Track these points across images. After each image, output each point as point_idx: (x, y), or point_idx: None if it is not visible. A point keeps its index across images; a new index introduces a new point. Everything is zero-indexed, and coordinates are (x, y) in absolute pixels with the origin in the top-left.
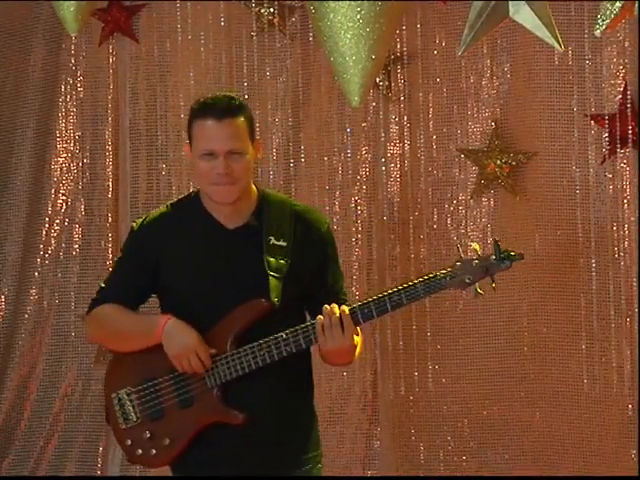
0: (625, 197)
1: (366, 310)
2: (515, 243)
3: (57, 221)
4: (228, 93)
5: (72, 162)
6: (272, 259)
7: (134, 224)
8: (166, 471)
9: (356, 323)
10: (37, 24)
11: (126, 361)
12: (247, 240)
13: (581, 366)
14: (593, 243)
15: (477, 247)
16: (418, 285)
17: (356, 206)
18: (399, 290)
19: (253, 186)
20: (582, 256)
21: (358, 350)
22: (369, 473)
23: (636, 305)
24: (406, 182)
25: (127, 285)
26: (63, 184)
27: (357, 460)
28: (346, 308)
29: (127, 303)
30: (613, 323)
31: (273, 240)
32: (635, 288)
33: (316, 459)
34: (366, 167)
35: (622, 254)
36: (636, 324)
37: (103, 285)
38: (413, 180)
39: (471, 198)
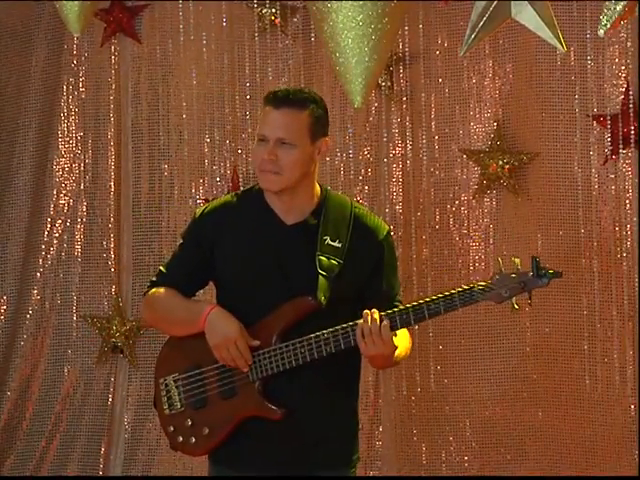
0: (627, 197)
1: (404, 316)
2: (517, 244)
3: (59, 221)
4: (304, 88)
5: (74, 162)
6: (324, 258)
7: (197, 210)
8: (167, 471)
9: (393, 328)
10: (39, 24)
11: (177, 347)
12: (302, 237)
13: (583, 366)
14: (595, 243)
15: (517, 261)
16: (455, 296)
17: None
18: (437, 299)
19: (317, 184)
20: (584, 256)
21: (402, 352)
22: (371, 473)
23: (636, 305)
24: (408, 182)
25: (184, 271)
26: (65, 184)
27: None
28: (383, 315)
29: (184, 288)
30: (615, 324)
31: (328, 240)
32: (636, 288)
33: (353, 462)
34: (368, 167)
35: (624, 254)
36: (637, 324)
37: (162, 269)
38: (415, 180)
39: (473, 198)
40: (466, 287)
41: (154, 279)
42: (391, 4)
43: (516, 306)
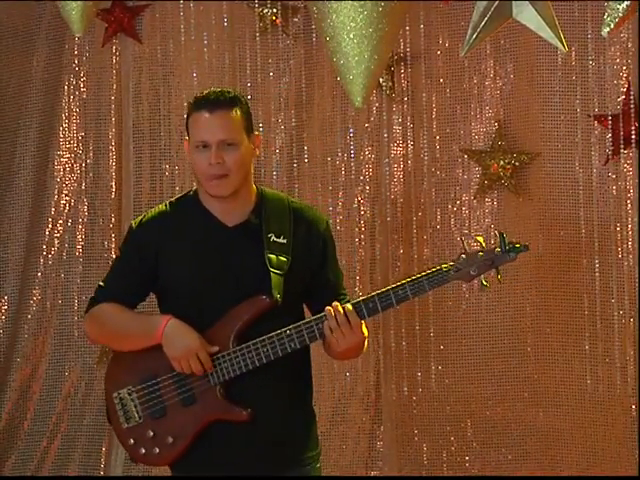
0: (628, 197)
1: (370, 304)
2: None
3: (60, 221)
4: (224, 88)
5: (75, 162)
6: (273, 256)
7: (133, 222)
8: (168, 471)
9: (361, 318)
10: (40, 24)
11: (126, 360)
12: (247, 237)
13: (584, 366)
14: (596, 243)
15: (482, 240)
16: (423, 278)
17: (359, 206)
18: (404, 284)
19: (252, 183)
20: (585, 256)
21: (365, 342)
22: (372, 473)
23: (636, 305)
24: (409, 182)
25: (126, 284)
26: (66, 184)
27: (360, 460)
28: (349, 306)
29: (126, 302)
30: (616, 323)
31: (273, 237)
32: (636, 288)
33: (315, 458)
34: (369, 167)
35: (625, 254)
36: (637, 324)
37: (102, 284)
38: (416, 180)
39: (474, 198)
40: (433, 269)
41: (94, 295)
42: (392, 4)
43: (485, 283)
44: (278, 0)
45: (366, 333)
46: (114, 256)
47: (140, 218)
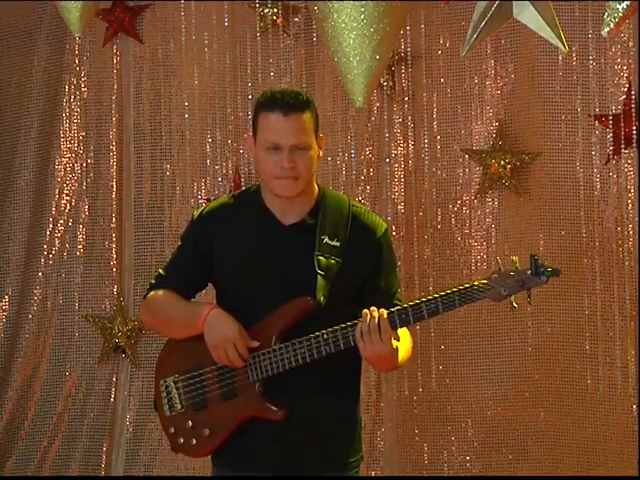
0: (629, 197)
1: (403, 315)
2: (519, 243)
3: (61, 221)
4: (295, 89)
5: (76, 162)
6: (323, 258)
7: (195, 212)
8: (169, 471)
9: (393, 328)
10: (41, 24)
11: (178, 349)
12: (301, 237)
13: (585, 366)
14: (597, 243)
15: (516, 259)
16: (455, 294)
17: None
18: (436, 298)
19: (315, 183)
20: (586, 256)
21: (404, 355)
22: (373, 473)
23: (637, 305)
24: (410, 182)
25: (183, 273)
26: (67, 184)
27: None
28: (384, 312)
29: (183, 291)
30: (617, 323)
31: (326, 239)
32: (636, 288)
33: (354, 464)
34: (370, 167)
35: (626, 254)
36: (637, 324)
37: (161, 271)
38: (417, 180)
39: (475, 198)
40: (465, 286)
41: (153, 282)
42: (393, 4)
43: (515, 305)
44: (279, 0)
45: (402, 345)
46: (115, 255)
47: (202, 209)
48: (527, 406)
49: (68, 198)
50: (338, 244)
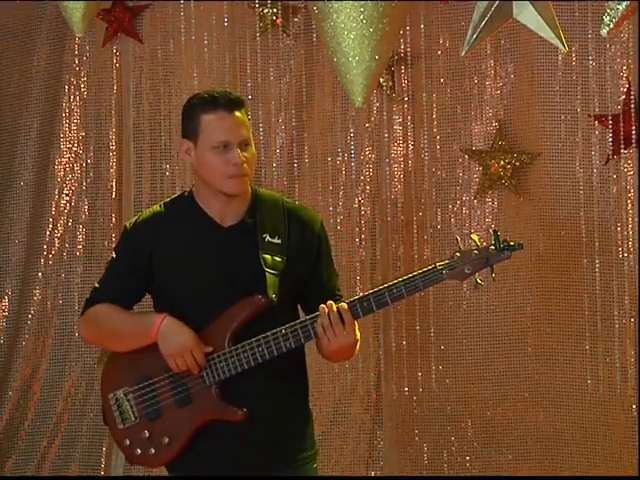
0: (629, 197)
1: (365, 303)
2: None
3: (61, 221)
4: (222, 88)
5: (76, 162)
6: (268, 256)
7: (127, 224)
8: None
9: (356, 317)
10: (41, 24)
11: (122, 361)
12: (242, 238)
13: (585, 366)
14: (597, 243)
15: (476, 238)
16: (417, 277)
17: (360, 206)
18: (398, 282)
19: None
20: (586, 256)
21: (357, 344)
22: (372, 473)
23: (637, 305)
24: (410, 182)
25: (121, 285)
26: (67, 184)
27: (361, 460)
28: (344, 304)
29: (121, 303)
30: (617, 323)
31: (268, 237)
32: (636, 288)
33: (311, 457)
34: (370, 167)
35: (626, 254)
36: (637, 324)
37: (97, 285)
38: (417, 180)
39: (475, 198)
40: (428, 267)
41: (89, 297)
42: (392, 4)
43: (480, 282)
44: (278, 0)
45: (358, 336)
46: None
47: (134, 219)
48: (527, 406)
49: (68, 198)
50: (280, 241)
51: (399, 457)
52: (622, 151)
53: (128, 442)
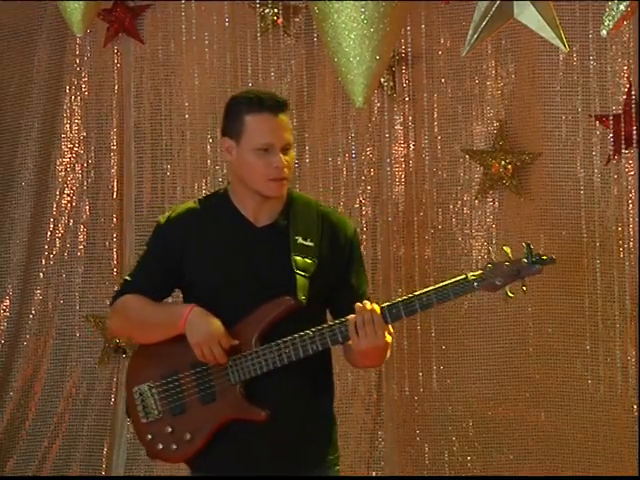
0: (630, 197)
1: (394, 310)
2: (520, 244)
3: (62, 222)
4: (267, 90)
5: (77, 163)
6: (299, 258)
7: (161, 218)
8: (169, 471)
9: (384, 322)
10: (41, 24)
11: (148, 355)
12: (274, 239)
13: (586, 367)
14: (598, 243)
15: (508, 250)
16: (448, 287)
17: (360, 206)
18: (429, 291)
19: None
20: (587, 256)
21: (388, 351)
22: (374, 473)
23: (637, 305)
24: (411, 182)
25: (151, 278)
26: (68, 185)
27: (361, 460)
28: (377, 306)
29: (151, 296)
30: (618, 324)
31: (300, 239)
32: (636, 289)
33: (334, 461)
34: (370, 167)
35: (627, 254)
36: (636, 323)
37: (128, 278)
38: (418, 180)
39: (476, 199)
40: (459, 278)
41: (119, 289)
42: (393, 4)
43: (511, 294)
44: (279, 0)
45: (390, 340)
46: (116, 255)
47: (168, 214)
48: (528, 406)
49: (69, 198)
50: (312, 244)
51: (400, 457)
52: (623, 151)
53: (150, 436)
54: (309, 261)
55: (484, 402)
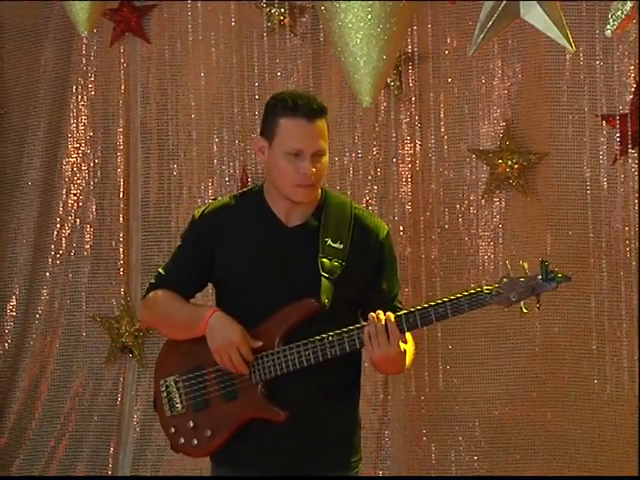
0: (636, 197)
1: (411, 319)
2: (526, 244)
3: (68, 221)
4: (307, 93)
5: (83, 162)
6: (326, 260)
7: (196, 212)
8: (176, 471)
9: (400, 331)
10: (48, 24)
11: (178, 349)
12: (304, 240)
13: (592, 366)
14: (604, 244)
15: (526, 265)
16: (463, 300)
17: (367, 206)
18: (444, 302)
19: None
20: (593, 256)
21: (409, 358)
22: (380, 473)
23: (636, 304)
24: (417, 182)
25: (183, 273)
26: (74, 184)
27: (368, 460)
28: (392, 315)
29: (183, 290)
30: (624, 323)
31: (330, 242)
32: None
33: (354, 465)
34: (377, 167)
35: (633, 254)
36: (636, 323)
37: (161, 271)
38: (424, 180)
39: (482, 198)
40: (474, 291)
41: (153, 281)
42: (400, 4)
43: (525, 310)
44: (286, 0)
45: (408, 348)
46: (122, 255)
47: (203, 209)
48: (534, 406)
49: (75, 198)
50: (341, 246)
51: (407, 457)
52: (629, 151)
53: (173, 430)
54: (336, 263)
55: (490, 402)
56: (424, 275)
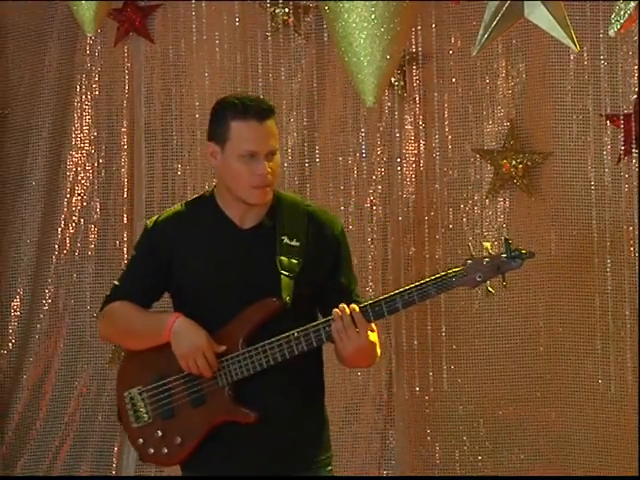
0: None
1: (377, 308)
2: (530, 243)
3: (72, 221)
4: (253, 94)
5: (87, 162)
6: (284, 259)
7: (148, 222)
8: (179, 471)
9: (367, 321)
10: (52, 24)
11: (138, 359)
12: (260, 240)
13: (596, 366)
14: (608, 243)
15: (488, 245)
16: (429, 283)
17: (371, 206)
18: (410, 288)
19: None
20: (597, 256)
21: (377, 350)
22: (385, 473)
23: (637, 305)
24: (421, 182)
25: (140, 283)
26: (78, 184)
27: (372, 460)
28: (356, 306)
29: (140, 301)
30: (628, 323)
31: (286, 240)
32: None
33: (326, 461)
34: (381, 167)
35: (638, 254)
36: (637, 323)
37: (117, 283)
38: (428, 180)
39: (486, 198)
40: (439, 274)
41: (109, 294)
42: (403, 4)
43: (491, 289)
44: (290, 0)
45: (376, 340)
46: (126, 255)
47: (155, 218)
48: (539, 406)
49: (79, 197)
50: (298, 244)
51: (411, 457)
52: (634, 150)
53: (142, 441)
54: (294, 261)
55: (495, 401)
56: (428, 275)
